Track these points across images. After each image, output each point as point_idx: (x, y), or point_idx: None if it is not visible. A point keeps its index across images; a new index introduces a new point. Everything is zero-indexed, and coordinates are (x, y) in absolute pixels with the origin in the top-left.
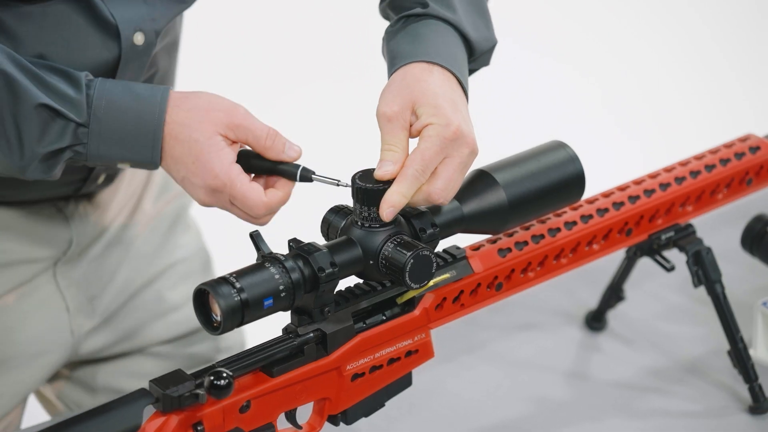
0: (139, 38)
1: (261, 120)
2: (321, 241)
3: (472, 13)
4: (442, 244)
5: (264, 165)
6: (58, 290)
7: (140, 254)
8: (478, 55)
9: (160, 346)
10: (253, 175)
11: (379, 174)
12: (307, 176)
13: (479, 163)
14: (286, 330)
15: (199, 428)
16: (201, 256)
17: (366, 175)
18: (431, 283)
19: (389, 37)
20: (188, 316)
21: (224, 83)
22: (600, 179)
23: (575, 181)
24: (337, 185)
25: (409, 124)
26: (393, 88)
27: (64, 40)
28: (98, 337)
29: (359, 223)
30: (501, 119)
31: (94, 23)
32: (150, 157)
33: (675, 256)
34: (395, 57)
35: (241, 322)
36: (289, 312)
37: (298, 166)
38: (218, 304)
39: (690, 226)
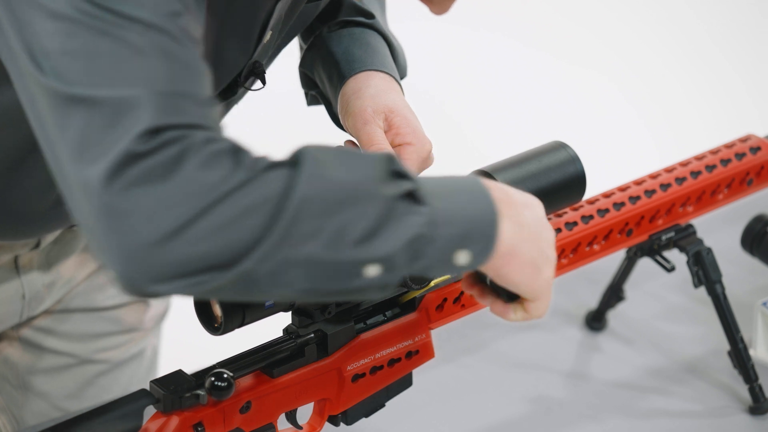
0: (266, 36)
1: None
2: None
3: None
4: None
5: None
6: (19, 279)
7: None
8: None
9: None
10: None
11: None
12: None
13: (480, 163)
14: (286, 330)
15: (199, 429)
16: None
17: None
18: (432, 283)
19: (334, 38)
20: None
21: None
22: (601, 180)
23: (576, 182)
24: None
25: (382, 129)
26: (362, 94)
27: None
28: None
29: None
30: (501, 119)
31: None
32: None
33: (675, 256)
34: (352, 61)
35: (242, 323)
36: (290, 312)
37: None
38: (219, 304)
39: (690, 226)
